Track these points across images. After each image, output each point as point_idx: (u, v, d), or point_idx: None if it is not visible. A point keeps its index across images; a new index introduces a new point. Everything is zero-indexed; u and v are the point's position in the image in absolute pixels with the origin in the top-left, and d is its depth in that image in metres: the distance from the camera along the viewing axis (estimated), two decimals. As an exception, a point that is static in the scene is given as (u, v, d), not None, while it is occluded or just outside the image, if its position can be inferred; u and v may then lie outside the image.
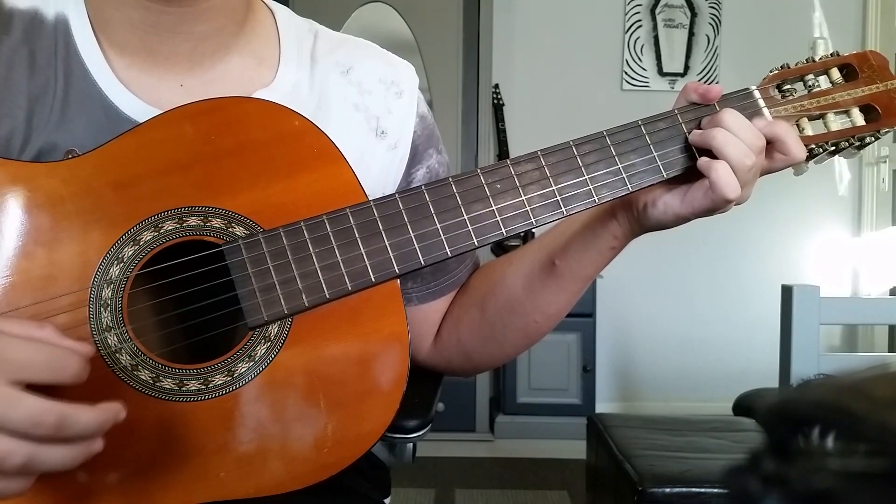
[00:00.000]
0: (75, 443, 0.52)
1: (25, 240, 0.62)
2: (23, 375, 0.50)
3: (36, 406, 0.49)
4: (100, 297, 0.62)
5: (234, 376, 0.63)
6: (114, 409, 0.53)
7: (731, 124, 0.70)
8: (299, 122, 0.68)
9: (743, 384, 2.60)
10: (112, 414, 0.53)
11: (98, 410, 0.52)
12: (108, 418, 0.53)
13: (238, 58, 0.76)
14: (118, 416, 0.54)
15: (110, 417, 0.53)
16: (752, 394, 2.49)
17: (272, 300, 0.64)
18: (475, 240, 0.68)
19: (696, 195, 0.71)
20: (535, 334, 0.84)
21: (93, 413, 0.52)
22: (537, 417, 3.12)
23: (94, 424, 0.52)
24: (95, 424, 0.52)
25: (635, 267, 3.19)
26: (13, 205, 0.62)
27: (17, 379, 0.50)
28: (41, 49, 0.71)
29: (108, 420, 0.53)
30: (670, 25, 3.47)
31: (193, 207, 0.65)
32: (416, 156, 0.83)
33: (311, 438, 0.64)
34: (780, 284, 1.39)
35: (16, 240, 0.62)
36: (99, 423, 0.52)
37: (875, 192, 3.44)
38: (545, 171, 0.70)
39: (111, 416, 0.53)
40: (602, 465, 1.83)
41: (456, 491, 2.65)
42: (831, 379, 0.32)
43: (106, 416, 0.52)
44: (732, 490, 0.31)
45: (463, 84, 3.13)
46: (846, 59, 0.76)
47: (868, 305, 1.69)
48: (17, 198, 0.62)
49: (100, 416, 0.52)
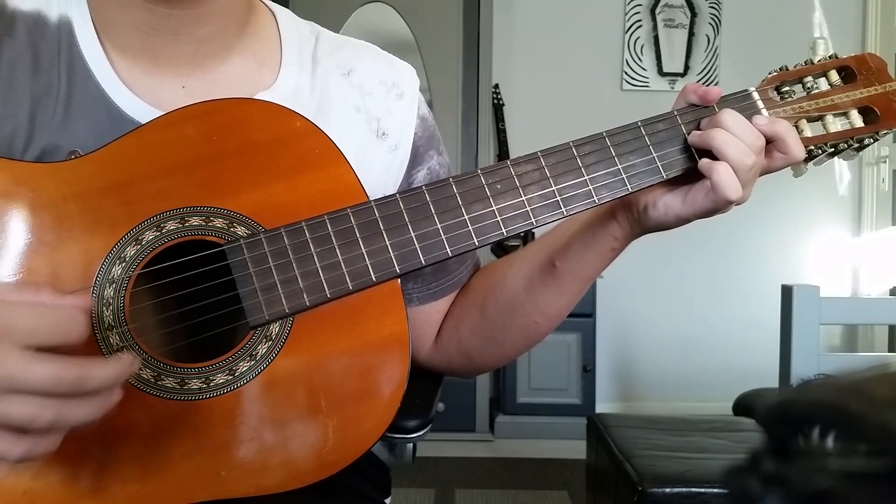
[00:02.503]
0: (95, 396, 0.53)
1: (28, 240, 0.62)
2: (32, 340, 0.51)
3: (53, 366, 0.51)
4: (102, 296, 0.62)
5: (236, 375, 0.63)
6: (127, 361, 0.54)
7: (730, 124, 0.70)
8: (301, 122, 0.69)
9: (743, 384, 2.60)
10: (126, 364, 0.54)
11: (113, 362, 0.54)
12: (124, 368, 0.54)
13: (240, 60, 0.77)
14: (133, 366, 0.55)
15: (126, 368, 0.54)
16: (752, 394, 2.49)
17: (273, 299, 0.64)
18: (475, 240, 0.68)
19: (697, 196, 0.71)
20: (536, 335, 0.84)
21: (109, 366, 0.53)
22: (537, 417, 3.12)
23: (112, 376, 0.53)
24: (112, 375, 0.53)
25: (635, 267, 3.19)
26: (16, 205, 0.62)
27: (28, 343, 0.51)
28: (44, 50, 0.71)
29: (124, 370, 0.54)
30: (670, 25, 3.48)
31: (195, 207, 0.65)
32: (416, 157, 0.83)
33: (312, 437, 0.64)
34: (780, 284, 1.40)
35: (19, 240, 0.62)
36: (116, 374, 0.53)
37: (875, 192, 3.44)
38: (545, 172, 0.70)
39: (126, 367, 0.54)
40: (602, 465, 1.83)
41: (456, 491, 2.66)
42: (831, 379, 0.33)
43: (122, 367, 0.54)
44: (732, 490, 0.31)
45: (463, 84, 3.13)
46: (845, 62, 0.76)
47: (868, 305, 1.69)
48: (20, 198, 0.62)
49: (116, 368, 0.53)
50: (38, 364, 0.50)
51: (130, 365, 0.55)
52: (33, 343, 0.51)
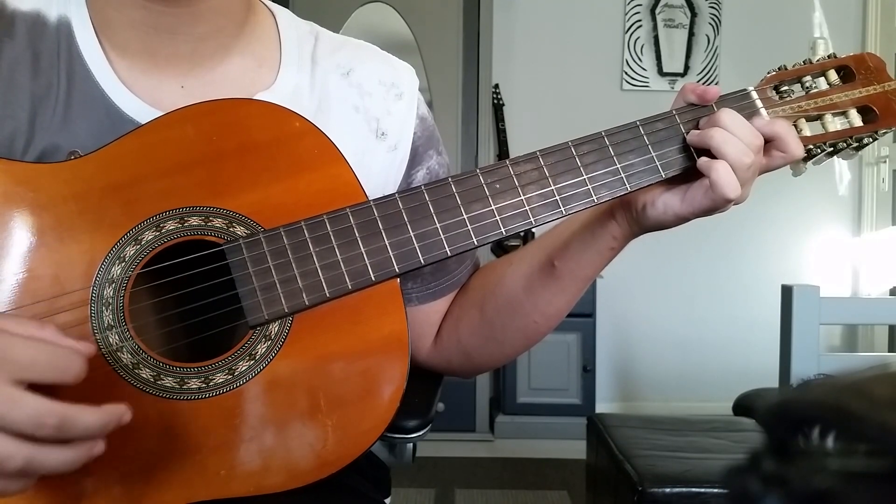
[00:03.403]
0: (77, 444, 0.51)
1: (28, 240, 0.62)
2: (25, 375, 0.50)
3: (39, 406, 0.49)
4: (101, 296, 0.62)
5: (235, 375, 0.63)
6: (118, 412, 0.53)
7: (728, 124, 0.70)
8: (300, 123, 0.69)
9: (743, 384, 2.60)
10: (116, 416, 0.52)
11: (101, 412, 0.52)
12: (112, 420, 0.52)
13: (239, 59, 0.77)
14: (123, 418, 0.53)
15: (114, 419, 0.52)
16: (752, 394, 2.49)
17: (273, 299, 0.64)
18: (475, 239, 0.68)
19: (696, 195, 0.71)
20: (535, 335, 0.84)
21: (96, 414, 0.51)
22: (537, 417, 3.12)
23: (97, 426, 0.52)
24: (98, 426, 0.52)
25: (635, 267, 3.19)
26: (16, 206, 0.62)
27: (20, 378, 0.49)
28: (44, 51, 0.71)
29: (111, 422, 0.52)
30: (670, 25, 3.48)
31: (195, 207, 0.65)
32: (416, 157, 0.83)
33: (311, 437, 0.64)
34: (780, 284, 1.40)
35: (19, 240, 0.62)
36: (101, 425, 0.52)
37: (875, 192, 3.44)
38: (544, 171, 0.70)
39: (115, 418, 0.52)
40: (602, 465, 1.83)
41: (456, 491, 2.66)
42: (831, 379, 0.33)
43: (109, 418, 0.52)
44: (732, 490, 0.31)
45: (463, 84, 3.13)
46: (843, 61, 0.76)
47: (868, 305, 1.69)
48: (20, 199, 0.62)
49: (102, 418, 0.52)
50: (23, 402, 0.49)
51: (119, 417, 0.53)
52: (25, 378, 0.50)
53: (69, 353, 0.52)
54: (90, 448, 0.52)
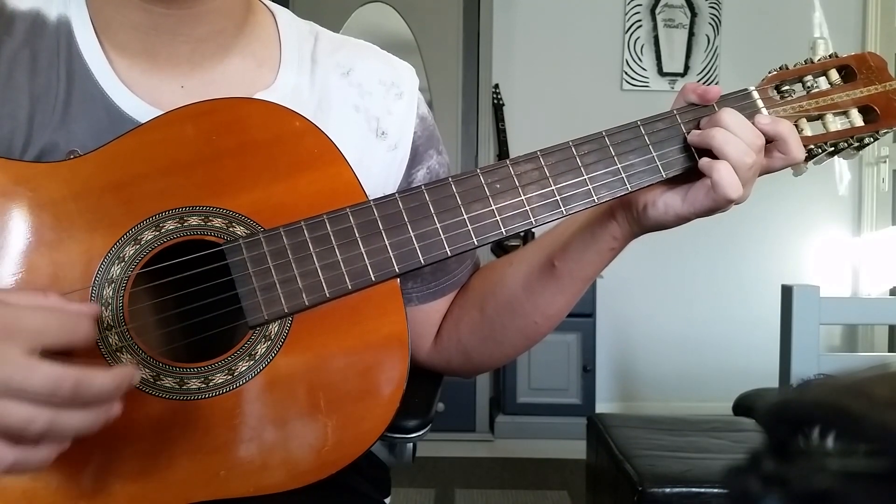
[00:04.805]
0: (93, 406, 0.53)
1: (28, 239, 0.62)
2: (38, 342, 0.51)
3: (53, 372, 0.50)
4: (101, 296, 0.62)
5: (235, 375, 0.63)
6: (128, 372, 0.54)
7: (729, 123, 0.70)
8: (300, 122, 0.69)
9: (743, 384, 2.60)
10: (127, 376, 0.54)
11: (113, 373, 0.53)
12: (124, 380, 0.54)
13: (238, 59, 0.76)
14: (133, 378, 0.55)
15: (126, 379, 0.54)
16: (752, 394, 2.49)
17: (272, 299, 0.64)
18: (475, 239, 0.68)
19: (697, 195, 0.71)
20: (535, 335, 0.84)
21: (108, 376, 0.53)
22: (537, 417, 3.12)
23: (111, 387, 0.53)
24: (111, 387, 0.53)
25: (635, 267, 3.19)
26: (15, 205, 0.62)
27: (33, 346, 0.51)
28: (43, 50, 0.71)
29: (124, 382, 0.54)
30: (670, 25, 3.48)
31: (194, 207, 0.65)
32: (416, 157, 0.83)
33: (311, 437, 0.64)
34: (780, 284, 1.40)
35: (18, 239, 0.62)
36: (115, 385, 0.53)
37: (875, 192, 3.44)
38: (544, 171, 0.70)
39: (126, 379, 0.54)
40: (602, 465, 1.83)
41: (456, 491, 2.65)
42: (831, 379, 0.33)
43: (121, 378, 0.54)
44: (732, 490, 0.31)
45: (463, 84, 3.13)
46: (844, 61, 0.76)
47: (868, 305, 1.69)
48: (19, 198, 0.62)
49: (115, 379, 0.53)
50: (38, 369, 0.50)
51: (130, 377, 0.55)
52: (39, 344, 0.51)
53: (77, 317, 0.54)
54: (107, 410, 0.54)
